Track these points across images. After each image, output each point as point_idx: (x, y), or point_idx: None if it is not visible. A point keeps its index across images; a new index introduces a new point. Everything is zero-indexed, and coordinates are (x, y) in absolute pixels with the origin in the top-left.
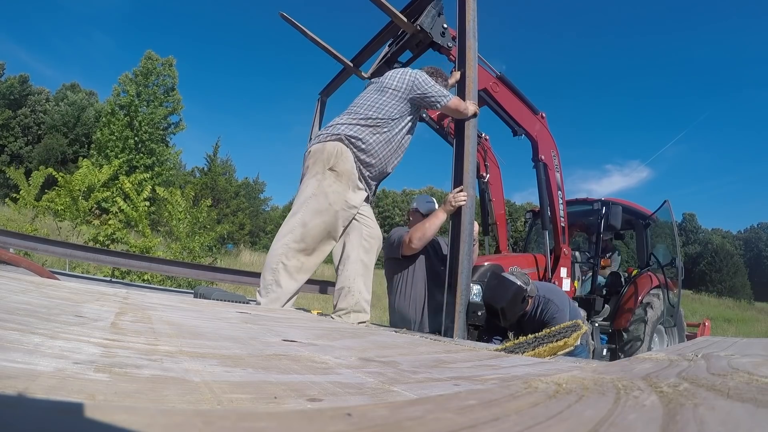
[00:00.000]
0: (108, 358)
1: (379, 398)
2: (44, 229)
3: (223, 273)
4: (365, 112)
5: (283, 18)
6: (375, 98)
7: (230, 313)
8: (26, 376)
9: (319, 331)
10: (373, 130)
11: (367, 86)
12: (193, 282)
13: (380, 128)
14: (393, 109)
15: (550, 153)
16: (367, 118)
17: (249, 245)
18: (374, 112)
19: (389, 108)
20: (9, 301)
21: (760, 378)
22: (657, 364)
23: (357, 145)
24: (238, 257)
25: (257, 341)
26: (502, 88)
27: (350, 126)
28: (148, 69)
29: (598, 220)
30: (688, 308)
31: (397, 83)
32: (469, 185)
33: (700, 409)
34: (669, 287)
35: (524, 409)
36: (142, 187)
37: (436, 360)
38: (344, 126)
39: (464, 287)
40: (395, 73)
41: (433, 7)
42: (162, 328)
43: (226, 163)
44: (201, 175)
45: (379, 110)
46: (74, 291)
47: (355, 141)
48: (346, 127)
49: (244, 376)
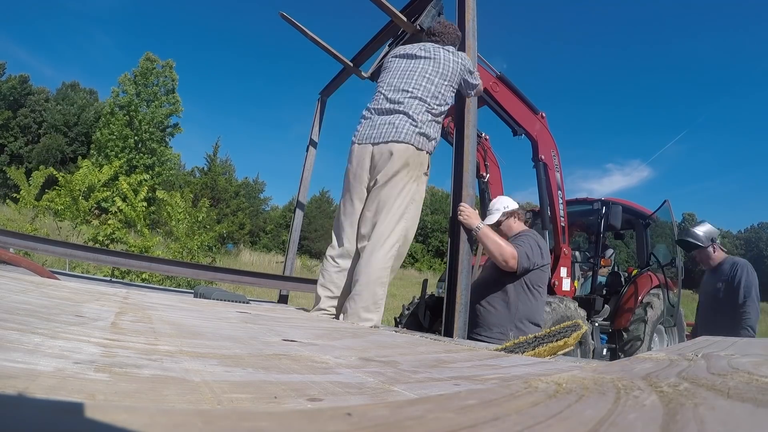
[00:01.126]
0: (108, 357)
1: (380, 398)
2: (44, 228)
3: (223, 273)
4: (432, 102)
5: (283, 18)
6: (438, 83)
7: (230, 312)
8: (26, 376)
9: (319, 330)
10: (438, 125)
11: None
12: (192, 282)
13: (440, 121)
14: (448, 98)
15: (550, 153)
16: (438, 114)
17: (249, 245)
18: (438, 102)
19: (447, 98)
20: (9, 300)
21: (760, 378)
22: (657, 363)
23: (433, 148)
24: (238, 257)
25: (257, 341)
26: (502, 87)
27: (431, 124)
28: (147, 69)
29: (598, 219)
30: (688, 308)
31: (453, 67)
32: (468, 185)
33: (700, 408)
34: (669, 287)
35: (524, 408)
36: (140, 187)
37: (436, 360)
38: (427, 125)
39: (464, 287)
40: (448, 53)
41: (433, 7)
42: (162, 327)
43: (225, 163)
44: (201, 175)
45: (441, 101)
46: (74, 291)
47: (434, 143)
48: (429, 125)
49: (244, 375)
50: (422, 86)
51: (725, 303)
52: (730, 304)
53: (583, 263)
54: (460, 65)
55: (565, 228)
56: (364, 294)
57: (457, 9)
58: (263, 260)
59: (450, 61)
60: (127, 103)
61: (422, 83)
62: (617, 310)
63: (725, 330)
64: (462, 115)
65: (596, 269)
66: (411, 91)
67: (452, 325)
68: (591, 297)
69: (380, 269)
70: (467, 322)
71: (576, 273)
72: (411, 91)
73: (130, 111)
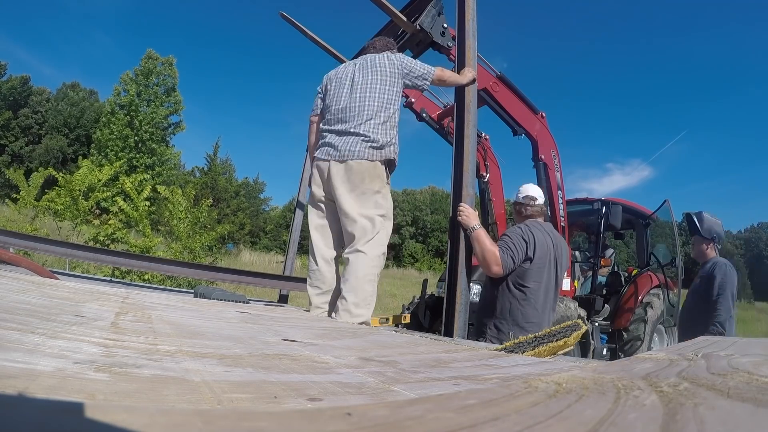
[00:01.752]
0: (108, 357)
1: (379, 398)
2: (44, 228)
3: (224, 273)
4: (383, 108)
5: (283, 18)
6: (385, 90)
7: (230, 312)
8: (26, 376)
9: (319, 330)
10: (394, 127)
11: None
12: (193, 281)
13: (395, 120)
14: (397, 96)
15: (550, 153)
16: (389, 117)
17: (249, 245)
18: (389, 106)
19: (395, 97)
20: (9, 300)
21: (760, 378)
22: (657, 363)
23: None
24: (238, 257)
25: (257, 341)
26: (502, 87)
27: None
28: (148, 69)
29: (598, 219)
30: None
31: (390, 68)
32: (468, 185)
33: (700, 408)
34: (669, 287)
35: (524, 408)
36: (142, 186)
37: (436, 359)
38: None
39: (464, 287)
40: (381, 58)
41: (433, 7)
42: (162, 327)
43: (226, 163)
44: (201, 174)
45: (390, 103)
46: (74, 291)
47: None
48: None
49: (244, 375)
50: (368, 98)
51: (701, 300)
52: (706, 301)
53: (583, 263)
54: (396, 64)
55: (565, 228)
56: (354, 291)
57: (457, 9)
58: (263, 260)
59: (379, 62)
60: (127, 103)
61: (370, 96)
62: (617, 310)
63: (699, 327)
64: (462, 115)
65: (596, 269)
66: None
67: (452, 324)
68: (591, 297)
69: (369, 266)
70: (467, 322)
71: (576, 273)
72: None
73: (130, 111)
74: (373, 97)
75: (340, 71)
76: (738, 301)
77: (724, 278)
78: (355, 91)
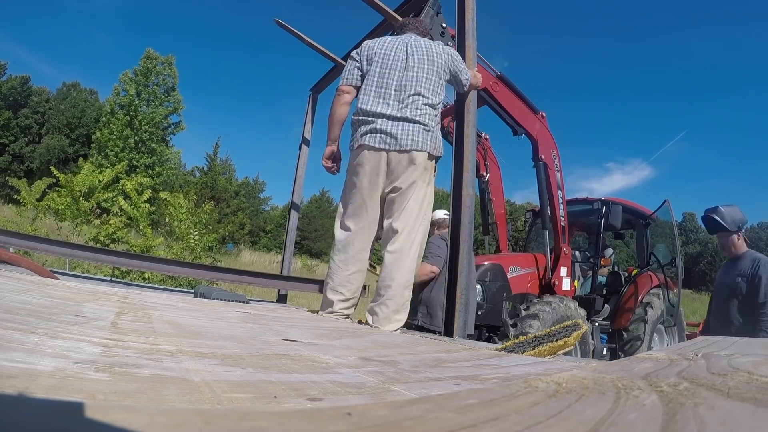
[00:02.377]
0: (108, 357)
1: (379, 398)
2: (44, 228)
3: (224, 273)
4: (436, 97)
5: (278, 24)
6: (435, 81)
7: (230, 312)
8: (26, 376)
9: (319, 330)
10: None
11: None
12: (193, 281)
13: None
14: (443, 90)
15: (550, 152)
16: (438, 110)
17: (249, 245)
18: (438, 98)
19: (441, 90)
20: (9, 300)
21: (760, 377)
22: (657, 363)
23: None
24: (238, 257)
25: (257, 341)
26: (502, 87)
27: (435, 123)
28: (148, 68)
29: (598, 219)
30: (688, 308)
31: (445, 60)
32: (468, 185)
33: (700, 408)
34: (669, 287)
35: (524, 408)
36: (142, 188)
37: (436, 359)
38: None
39: (464, 287)
40: (435, 46)
41: (431, 7)
42: (162, 327)
43: (226, 163)
44: (201, 174)
45: (438, 94)
46: (74, 290)
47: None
48: (433, 128)
49: (244, 375)
50: (422, 84)
51: (743, 301)
52: (748, 302)
53: (583, 263)
54: (448, 58)
55: (565, 228)
56: (395, 299)
57: (456, 9)
58: (263, 260)
59: (436, 51)
60: (127, 103)
61: (423, 84)
62: (617, 310)
63: (741, 328)
64: (462, 114)
65: (596, 269)
66: (421, 94)
67: (452, 325)
68: (591, 297)
69: (408, 273)
70: (467, 322)
71: (576, 273)
72: (421, 94)
73: (130, 111)
74: (429, 87)
75: (386, 45)
76: None
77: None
78: (411, 73)
